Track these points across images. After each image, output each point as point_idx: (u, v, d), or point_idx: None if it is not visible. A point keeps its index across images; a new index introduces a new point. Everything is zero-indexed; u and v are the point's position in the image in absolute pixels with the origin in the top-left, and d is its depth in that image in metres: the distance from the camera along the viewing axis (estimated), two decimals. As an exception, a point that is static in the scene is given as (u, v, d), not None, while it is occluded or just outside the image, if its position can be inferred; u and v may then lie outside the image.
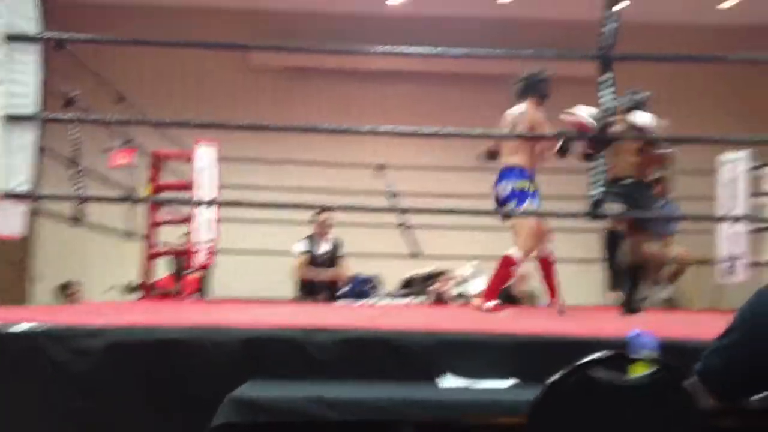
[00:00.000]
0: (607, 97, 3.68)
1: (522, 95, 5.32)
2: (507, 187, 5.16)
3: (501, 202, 5.19)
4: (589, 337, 2.78)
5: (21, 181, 3.55)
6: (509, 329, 2.91)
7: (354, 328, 2.81)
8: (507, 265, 5.08)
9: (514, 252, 5.08)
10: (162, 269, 7.79)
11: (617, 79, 3.68)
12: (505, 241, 5.25)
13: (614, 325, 3.36)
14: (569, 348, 2.66)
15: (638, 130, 4.94)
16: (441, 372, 2.75)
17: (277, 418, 2.37)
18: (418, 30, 10.11)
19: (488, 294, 5.10)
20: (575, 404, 2.11)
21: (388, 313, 4.51)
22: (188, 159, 7.04)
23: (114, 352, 2.62)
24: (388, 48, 3.54)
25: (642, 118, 5.07)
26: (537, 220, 5.19)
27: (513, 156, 5.19)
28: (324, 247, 8.01)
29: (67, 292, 8.91)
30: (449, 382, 2.72)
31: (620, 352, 2.41)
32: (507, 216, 5.25)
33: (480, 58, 5.11)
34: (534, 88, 5.30)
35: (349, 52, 4.09)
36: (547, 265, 5.33)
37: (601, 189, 3.72)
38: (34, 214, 5.62)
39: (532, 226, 5.14)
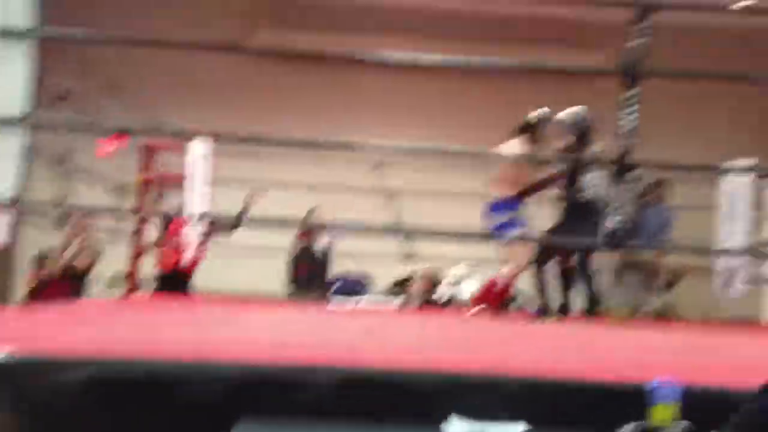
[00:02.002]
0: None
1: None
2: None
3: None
4: (608, 382, 2.60)
5: (6, 188, 3.32)
6: (521, 369, 2.72)
7: (353, 365, 2.61)
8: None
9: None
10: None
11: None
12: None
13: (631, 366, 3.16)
14: (585, 392, 2.53)
15: None
16: (446, 414, 2.56)
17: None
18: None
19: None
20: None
21: (382, 327, 4.36)
22: (181, 151, 6.79)
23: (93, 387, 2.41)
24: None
25: None
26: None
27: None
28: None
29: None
30: (456, 425, 2.54)
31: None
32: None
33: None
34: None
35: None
36: None
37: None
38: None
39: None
